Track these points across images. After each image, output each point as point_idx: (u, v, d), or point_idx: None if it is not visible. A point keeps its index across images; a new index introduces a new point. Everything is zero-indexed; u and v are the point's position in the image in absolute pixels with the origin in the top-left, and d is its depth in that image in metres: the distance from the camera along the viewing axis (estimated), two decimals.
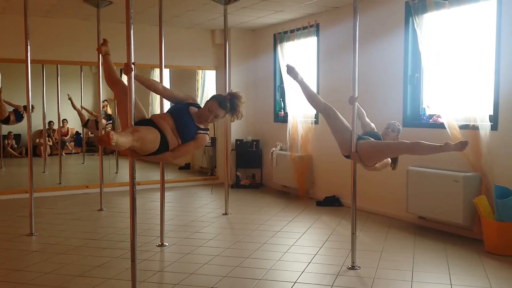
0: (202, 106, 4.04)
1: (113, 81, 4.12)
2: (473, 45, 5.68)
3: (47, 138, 11.72)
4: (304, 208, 7.54)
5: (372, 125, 5.11)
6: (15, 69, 9.47)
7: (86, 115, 11.88)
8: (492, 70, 5.53)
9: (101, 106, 7.53)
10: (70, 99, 10.97)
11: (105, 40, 4.37)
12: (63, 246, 5.51)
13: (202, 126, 3.98)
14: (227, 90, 7.33)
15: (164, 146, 3.78)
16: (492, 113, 5.57)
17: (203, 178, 10.13)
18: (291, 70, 4.95)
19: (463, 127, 5.76)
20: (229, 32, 9.41)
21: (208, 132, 4.03)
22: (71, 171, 11.31)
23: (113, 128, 11.33)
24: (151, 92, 11.66)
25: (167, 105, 4.89)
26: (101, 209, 7.36)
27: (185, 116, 3.93)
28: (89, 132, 13.38)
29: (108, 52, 4.26)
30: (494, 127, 5.52)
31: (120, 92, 4.00)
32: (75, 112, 12.14)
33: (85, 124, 11.69)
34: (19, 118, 10.18)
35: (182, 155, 3.95)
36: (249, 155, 9.63)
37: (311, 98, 4.96)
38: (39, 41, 8.07)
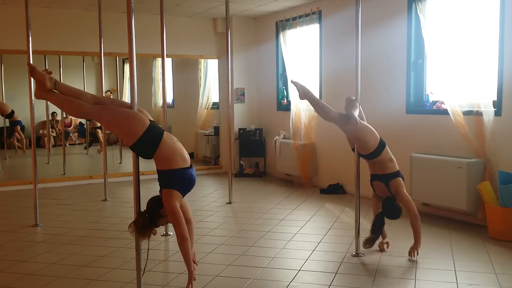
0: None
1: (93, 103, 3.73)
2: (476, 30, 5.64)
3: (50, 129, 11.76)
4: (308, 196, 7.55)
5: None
6: (17, 60, 9.48)
7: None
8: (496, 56, 5.50)
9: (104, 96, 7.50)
10: None
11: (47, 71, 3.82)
12: (68, 236, 5.53)
13: None
14: (230, 79, 7.34)
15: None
16: (495, 99, 5.55)
17: (206, 167, 10.14)
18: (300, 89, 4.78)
19: (467, 113, 5.74)
20: (231, 20, 9.37)
21: None
22: (75, 161, 11.34)
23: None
24: (153, 81, 11.65)
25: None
26: (105, 199, 7.38)
27: None
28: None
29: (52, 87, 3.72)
30: (497, 112, 5.50)
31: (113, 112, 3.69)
32: None
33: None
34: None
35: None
36: (252, 144, 9.63)
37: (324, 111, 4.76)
38: (41, 32, 8.06)
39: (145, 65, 11.31)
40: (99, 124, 11.86)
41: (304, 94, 4.75)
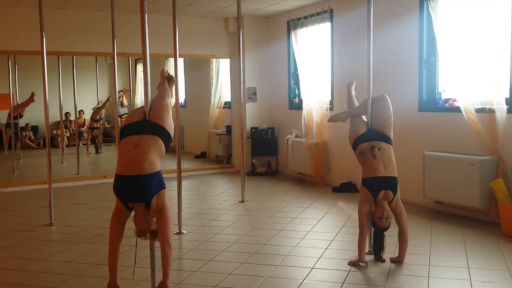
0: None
1: None
2: (488, 27, 5.61)
3: (64, 130, 11.86)
4: (320, 195, 7.55)
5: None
6: (31, 61, 9.60)
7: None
8: (508, 53, 5.47)
9: (117, 96, 7.57)
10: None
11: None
12: (83, 235, 5.59)
13: None
14: (241, 78, 7.36)
15: None
16: (508, 96, 5.52)
17: (219, 167, 10.17)
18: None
19: (479, 111, 5.72)
20: (243, 20, 9.39)
21: None
22: (89, 161, 11.43)
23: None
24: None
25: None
26: None
27: None
28: (106, 123, 13.49)
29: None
30: (510, 110, 5.47)
31: None
32: (91, 103, 12.28)
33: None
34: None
35: None
36: (264, 142, 9.64)
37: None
38: (54, 33, 8.13)
39: (157, 65, 11.39)
40: (97, 125, 12.02)
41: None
